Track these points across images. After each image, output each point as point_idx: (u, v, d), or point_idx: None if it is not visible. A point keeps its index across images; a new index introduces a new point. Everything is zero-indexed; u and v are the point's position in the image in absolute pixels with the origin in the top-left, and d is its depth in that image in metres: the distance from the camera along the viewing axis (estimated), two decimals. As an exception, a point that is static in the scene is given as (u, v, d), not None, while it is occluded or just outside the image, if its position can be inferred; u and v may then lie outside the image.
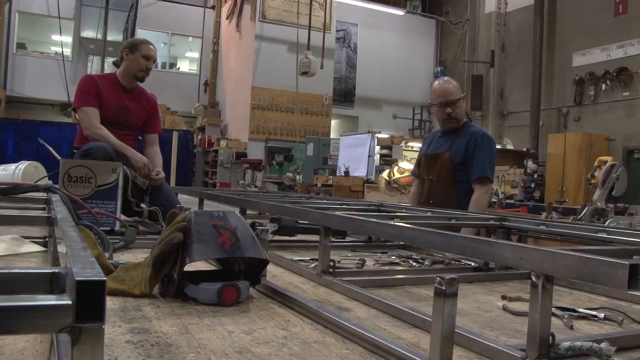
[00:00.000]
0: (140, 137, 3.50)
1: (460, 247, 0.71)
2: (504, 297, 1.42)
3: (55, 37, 15.99)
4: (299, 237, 2.27)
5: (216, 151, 13.55)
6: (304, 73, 11.87)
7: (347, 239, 2.39)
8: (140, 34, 14.82)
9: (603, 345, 0.91)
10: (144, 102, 3.39)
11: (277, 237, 2.21)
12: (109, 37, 14.44)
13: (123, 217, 2.62)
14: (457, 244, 0.71)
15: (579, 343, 0.90)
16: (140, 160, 3.03)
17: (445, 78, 3.38)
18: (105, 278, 0.48)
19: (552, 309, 1.24)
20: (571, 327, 1.17)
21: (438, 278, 0.73)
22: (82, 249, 0.67)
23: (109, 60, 13.65)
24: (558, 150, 10.51)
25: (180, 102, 16.23)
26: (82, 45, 16.17)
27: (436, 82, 3.28)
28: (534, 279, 0.83)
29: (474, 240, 0.70)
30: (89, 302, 0.46)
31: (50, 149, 3.54)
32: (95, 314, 0.47)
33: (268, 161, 10.40)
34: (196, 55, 18.04)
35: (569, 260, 0.57)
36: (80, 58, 16.24)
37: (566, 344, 0.89)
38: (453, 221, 1.82)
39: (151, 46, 3.31)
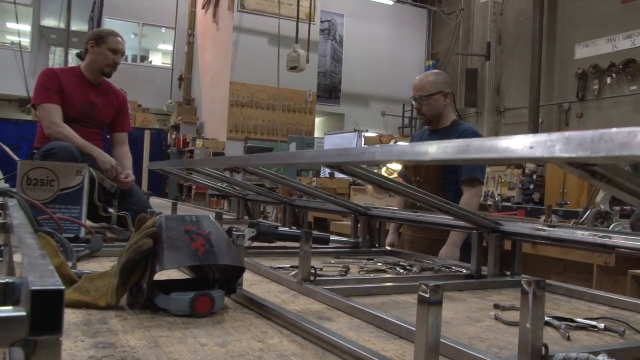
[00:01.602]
0: (108, 136, 3.49)
1: (462, 149, 0.73)
2: (496, 306, 1.43)
3: (11, 25, 15.77)
4: (280, 243, 2.27)
5: (192, 151, 13.50)
6: (293, 68, 11.86)
7: (331, 244, 2.40)
8: (108, 23, 14.72)
9: (600, 357, 0.92)
10: (111, 98, 3.38)
11: (255, 244, 2.22)
12: (73, 27, 14.26)
13: (89, 222, 2.61)
14: (459, 146, 0.73)
15: (574, 354, 0.92)
16: (108, 162, 3.02)
17: (429, 71, 3.42)
18: (63, 287, 0.48)
19: (549, 318, 1.27)
20: (568, 338, 1.18)
21: (422, 285, 0.74)
22: (39, 257, 0.67)
23: (73, 52, 13.51)
24: (558, 149, 10.61)
25: (153, 98, 16.15)
26: (42, 35, 15.95)
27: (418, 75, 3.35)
28: (524, 286, 0.84)
29: (476, 140, 0.72)
30: (45, 313, 0.47)
31: (7, 149, 3.52)
32: (51, 326, 0.47)
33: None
34: (169, 47, 17.97)
35: (582, 136, 0.58)
36: (41, 49, 16.03)
37: (560, 355, 0.91)
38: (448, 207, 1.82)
39: (119, 38, 3.30)
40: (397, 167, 5.42)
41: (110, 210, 2.80)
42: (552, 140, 0.65)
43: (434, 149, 0.81)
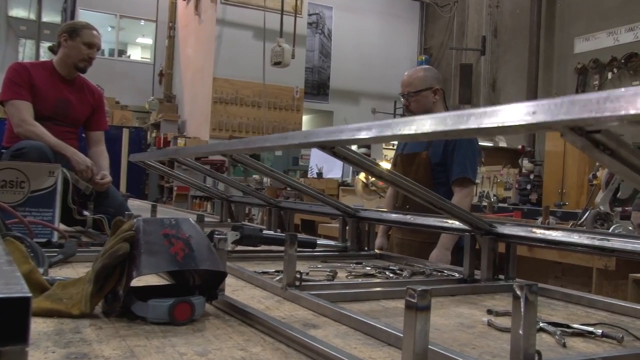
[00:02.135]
0: (83, 135, 3.47)
1: (462, 120, 0.74)
2: (489, 312, 1.44)
3: (-26, 15, 15.56)
4: (265, 247, 2.28)
5: (173, 150, 13.46)
6: (277, 63, 11.84)
7: (318, 248, 2.40)
8: (83, 15, 14.61)
9: (596, 364, 0.93)
10: (86, 95, 3.36)
11: (239, 248, 2.22)
12: (45, 18, 14.10)
13: (62, 226, 2.60)
14: (459, 116, 0.74)
15: (568, 361, 0.93)
16: (83, 162, 3.01)
17: (418, 67, 3.47)
18: (29, 294, 0.48)
19: (544, 324, 1.28)
20: (563, 345, 1.19)
21: (409, 290, 0.74)
22: (5, 263, 0.67)
23: (45, 45, 13.36)
24: (557, 148, 10.64)
25: (132, 94, 16.06)
26: (10, 26, 15.69)
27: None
28: (516, 291, 0.85)
29: (477, 109, 0.74)
30: (10, 322, 0.47)
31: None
32: (17, 336, 0.47)
33: (232, 162, 10.37)
34: (149, 41, 17.88)
35: (588, 98, 0.60)
36: (9, 41, 15.80)
37: (554, 362, 0.92)
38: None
39: (94, 32, 3.28)
40: (387, 166, 5.43)
41: (86, 213, 2.79)
42: (555, 103, 0.66)
43: (432, 121, 0.82)
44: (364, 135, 1.07)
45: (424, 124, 0.87)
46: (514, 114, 0.71)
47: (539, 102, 0.69)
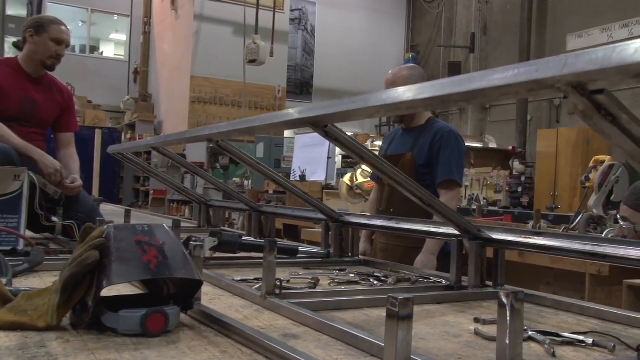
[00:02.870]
0: (52, 137, 3.44)
1: (465, 81, 0.74)
2: (476, 320, 1.45)
3: None
4: (246, 254, 2.27)
5: (149, 153, 13.40)
6: (252, 61, 11.83)
7: (300, 255, 2.40)
8: (51, 9, 14.53)
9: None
10: (55, 94, 3.33)
11: (218, 254, 2.21)
12: (9, 11, 13.90)
13: (29, 233, 2.57)
14: (459, 80, 0.75)
15: (558, 370, 0.93)
16: (51, 165, 2.97)
17: (403, 66, 3.49)
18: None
19: (533, 333, 1.29)
20: (553, 355, 1.20)
21: (390, 298, 0.75)
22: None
23: (10, 41, 13.19)
24: (549, 149, 10.72)
25: (105, 93, 16.00)
26: (-29, 20, 15.60)
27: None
28: (502, 298, 0.85)
29: (477, 73, 0.75)
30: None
31: None
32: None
33: (211, 164, 10.36)
34: (123, 37, 17.81)
35: (594, 51, 0.61)
36: (-30, 36, 15.69)
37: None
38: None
39: (63, 27, 3.25)
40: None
41: (54, 219, 2.76)
42: (560, 60, 0.67)
43: (432, 89, 0.82)
44: (359, 105, 1.06)
45: (421, 92, 0.87)
46: (519, 72, 0.72)
47: (542, 60, 0.70)
